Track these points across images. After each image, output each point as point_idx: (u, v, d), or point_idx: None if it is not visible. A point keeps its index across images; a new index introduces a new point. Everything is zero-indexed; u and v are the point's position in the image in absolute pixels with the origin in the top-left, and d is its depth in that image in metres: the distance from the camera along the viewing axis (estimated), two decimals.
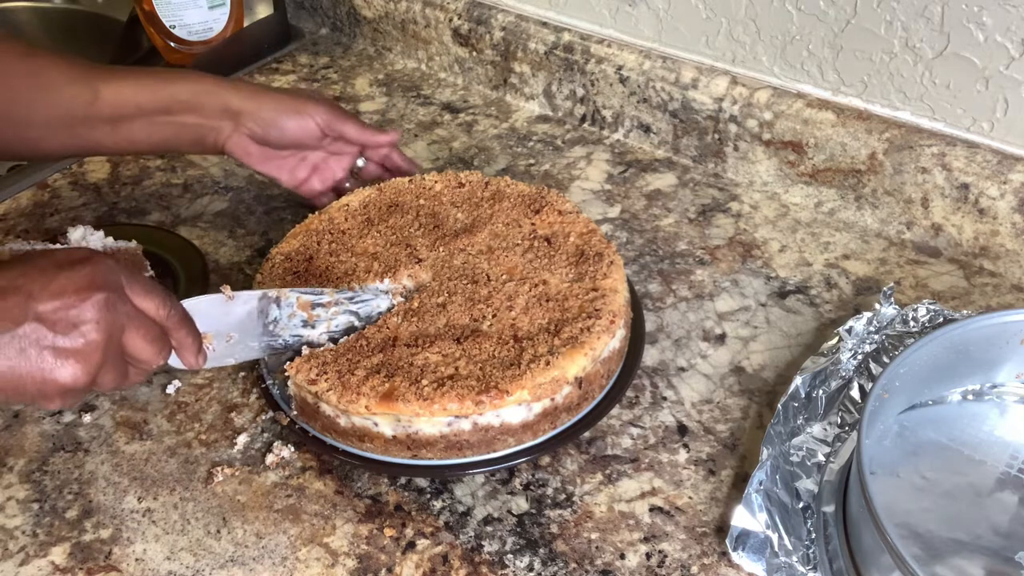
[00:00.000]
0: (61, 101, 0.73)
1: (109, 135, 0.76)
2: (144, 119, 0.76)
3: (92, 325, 0.54)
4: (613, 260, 0.71)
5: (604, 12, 0.99)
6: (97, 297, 0.54)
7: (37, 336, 0.53)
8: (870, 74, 0.84)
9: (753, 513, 0.59)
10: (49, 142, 0.77)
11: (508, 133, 1.03)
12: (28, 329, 0.52)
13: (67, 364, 0.54)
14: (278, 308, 0.68)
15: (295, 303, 0.68)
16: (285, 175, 0.83)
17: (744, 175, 0.94)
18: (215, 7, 1.10)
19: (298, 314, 0.68)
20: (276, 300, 0.67)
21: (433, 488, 0.66)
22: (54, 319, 0.53)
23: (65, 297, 0.54)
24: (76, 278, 0.55)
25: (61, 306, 0.53)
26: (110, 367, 0.56)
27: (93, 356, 0.54)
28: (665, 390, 0.72)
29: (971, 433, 0.66)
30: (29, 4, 1.31)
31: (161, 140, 0.78)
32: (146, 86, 0.75)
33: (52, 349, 0.53)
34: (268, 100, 0.78)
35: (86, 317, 0.54)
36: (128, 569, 0.61)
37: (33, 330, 0.53)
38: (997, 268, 0.81)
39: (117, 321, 0.55)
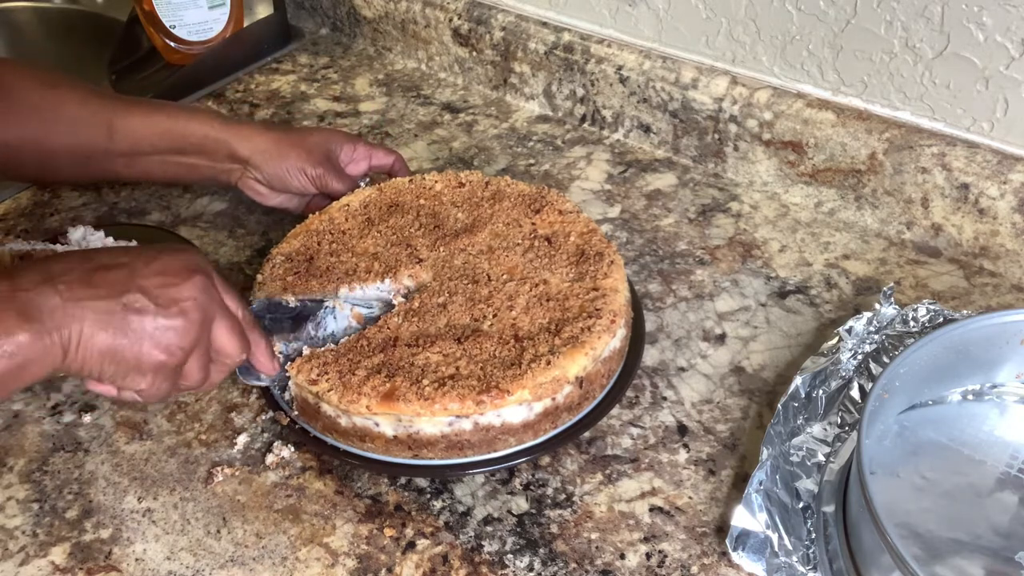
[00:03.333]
0: (79, 136, 0.77)
1: (125, 168, 0.80)
2: (158, 156, 0.79)
3: (191, 303, 0.56)
4: (613, 260, 0.71)
5: (604, 12, 0.99)
6: (196, 279, 0.57)
7: (140, 305, 0.54)
8: (870, 74, 0.84)
9: (753, 513, 0.59)
10: (69, 172, 0.81)
11: (508, 133, 1.03)
12: (131, 299, 0.54)
13: (165, 336, 0.55)
14: (335, 320, 0.69)
15: (350, 314, 0.70)
16: (294, 205, 0.85)
17: (744, 175, 0.94)
18: (215, 7, 1.10)
19: (353, 325, 0.70)
20: (333, 311, 0.69)
21: (433, 488, 0.66)
22: (156, 292, 0.55)
23: (167, 275, 0.56)
24: (177, 260, 0.57)
25: (163, 282, 0.56)
26: (199, 354, 0.58)
27: (189, 333, 0.56)
28: (665, 390, 0.72)
29: (971, 433, 0.66)
30: (29, 4, 1.31)
31: (176, 176, 0.83)
32: (157, 125, 0.78)
33: (153, 320, 0.55)
34: (271, 155, 0.80)
35: (185, 295, 0.56)
36: (128, 569, 0.61)
37: (136, 299, 0.54)
38: (997, 268, 0.81)
39: (210, 307, 0.58)
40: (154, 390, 0.57)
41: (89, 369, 0.54)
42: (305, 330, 0.68)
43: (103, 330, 0.53)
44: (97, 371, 0.55)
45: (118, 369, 0.55)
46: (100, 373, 0.55)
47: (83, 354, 0.53)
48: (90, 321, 0.53)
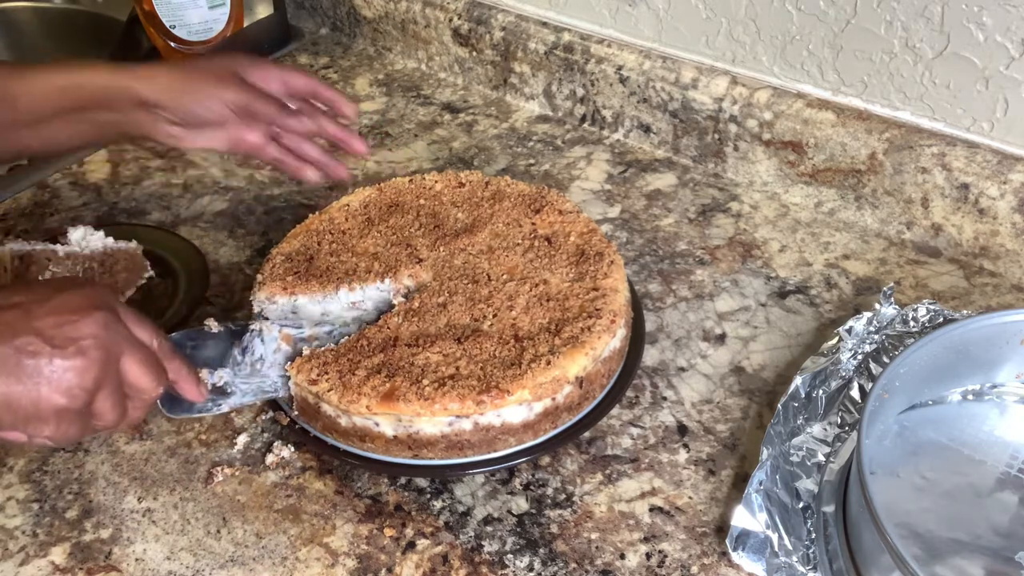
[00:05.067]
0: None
1: (34, 138, 0.74)
2: (61, 119, 0.74)
3: (91, 341, 0.53)
4: (613, 260, 0.71)
5: (604, 12, 0.99)
6: (96, 315, 0.54)
7: (34, 349, 0.51)
8: (870, 74, 0.84)
9: (753, 513, 0.59)
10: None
11: (508, 133, 1.03)
12: (24, 342, 0.51)
13: (63, 378, 0.52)
14: (262, 343, 0.66)
15: (278, 336, 0.67)
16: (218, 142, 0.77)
17: (744, 175, 0.94)
18: (215, 7, 1.10)
19: (283, 348, 0.67)
20: (260, 334, 0.66)
21: (433, 488, 0.66)
22: (51, 333, 0.52)
23: (63, 314, 0.53)
24: (74, 298, 0.54)
25: (58, 321, 0.52)
26: (108, 393, 0.55)
27: (89, 372, 0.53)
28: (665, 390, 0.72)
29: (971, 433, 0.66)
30: (29, 4, 1.31)
31: (85, 138, 0.78)
32: (56, 84, 0.73)
33: (48, 362, 0.51)
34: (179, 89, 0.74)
35: (84, 332, 0.53)
36: (128, 569, 0.61)
37: (29, 343, 0.51)
38: (997, 268, 0.81)
39: (115, 342, 0.55)
40: (61, 434, 0.54)
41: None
42: (231, 356, 0.66)
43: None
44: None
45: (16, 417, 0.52)
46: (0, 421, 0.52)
47: None
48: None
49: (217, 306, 0.81)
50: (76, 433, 0.55)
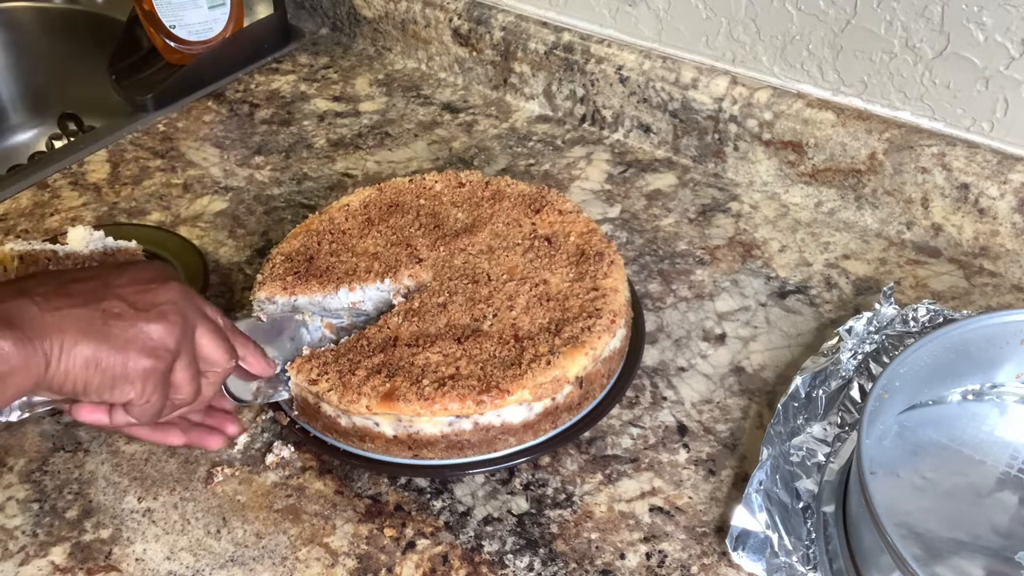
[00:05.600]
0: None
1: None
2: None
3: (171, 306, 0.55)
4: (614, 260, 0.71)
5: (604, 12, 0.99)
6: (172, 284, 0.56)
7: (119, 310, 0.53)
8: (870, 74, 0.84)
9: (753, 513, 0.59)
10: None
11: (508, 133, 1.03)
12: (110, 304, 0.53)
13: (148, 339, 0.53)
14: (307, 332, 0.68)
15: (321, 325, 0.69)
16: None
17: (744, 175, 0.94)
18: (215, 7, 1.10)
19: (327, 335, 0.69)
20: (305, 325, 0.68)
21: (433, 488, 0.66)
22: (134, 298, 0.54)
23: (141, 284, 0.55)
24: (148, 271, 0.57)
25: (139, 289, 0.55)
26: (186, 363, 0.56)
27: (172, 334, 0.54)
28: (665, 390, 0.72)
29: (971, 433, 0.66)
30: (29, 4, 1.31)
31: None
32: None
33: (133, 324, 0.53)
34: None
35: (164, 298, 0.55)
36: (128, 569, 0.61)
37: (114, 305, 0.53)
38: (997, 268, 0.81)
39: (190, 312, 0.56)
40: (144, 401, 0.55)
41: (74, 380, 0.52)
42: (280, 343, 0.67)
43: (85, 337, 0.51)
44: (82, 383, 0.52)
45: (103, 379, 0.53)
46: (85, 385, 0.52)
47: (66, 364, 0.51)
48: (71, 330, 0.51)
49: (217, 306, 0.81)
50: (158, 402, 0.55)
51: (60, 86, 1.32)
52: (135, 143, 1.04)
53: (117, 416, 0.56)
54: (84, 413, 0.57)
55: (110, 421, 0.57)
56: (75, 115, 1.30)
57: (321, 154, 1.01)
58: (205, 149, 1.03)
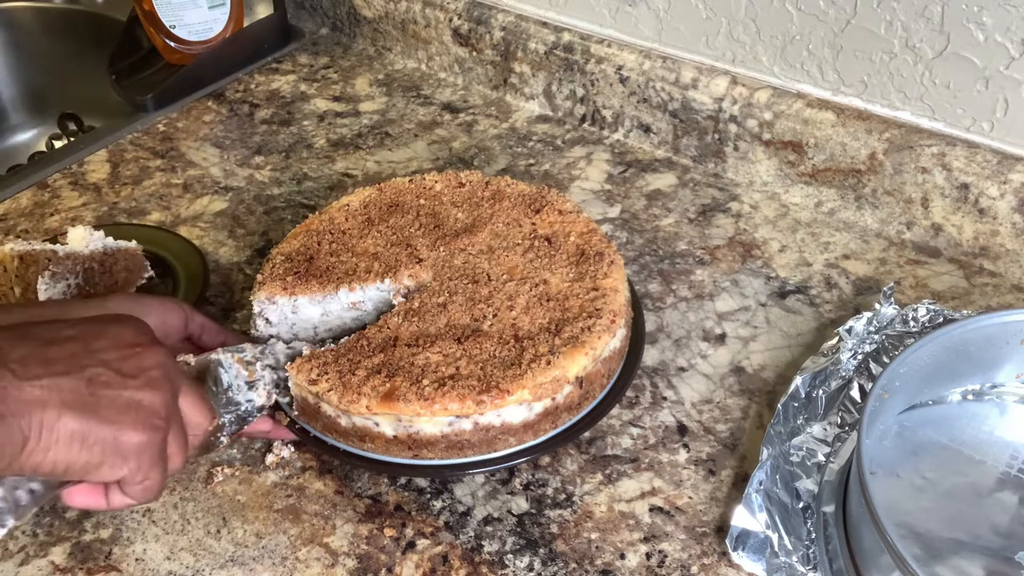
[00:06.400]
0: None
1: None
2: None
3: (158, 372, 0.50)
4: (614, 260, 0.71)
5: (604, 12, 0.99)
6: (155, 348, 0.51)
7: (106, 379, 0.47)
8: (870, 74, 0.84)
9: (753, 513, 0.59)
10: None
11: (508, 133, 1.03)
12: (95, 372, 0.47)
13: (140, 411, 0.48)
14: (224, 370, 0.63)
15: (233, 360, 0.63)
16: None
17: (744, 175, 0.94)
18: (215, 7, 1.10)
19: (242, 373, 0.64)
20: (220, 363, 0.63)
21: (433, 488, 0.66)
22: (119, 364, 0.48)
23: (124, 347, 0.50)
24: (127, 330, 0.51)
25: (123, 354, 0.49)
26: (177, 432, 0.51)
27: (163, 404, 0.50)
28: (665, 390, 0.72)
29: (971, 433, 0.66)
30: (29, 4, 1.31)
31: None
32: None
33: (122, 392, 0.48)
34: None
35: (150, 363, 0.50)
36: (128, 569, 0.61)
37: (100, 373, 0.47)
38: (997, 268, 0.81)
39: (175, 376, 0.52)
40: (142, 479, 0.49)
41: (54, 460, 0.46)
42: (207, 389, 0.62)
43: (70, 410, 0.45)
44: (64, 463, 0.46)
45: (90, 456, 0.46)
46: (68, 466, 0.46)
47: (47, 441, 0.45)
48: (54, 403, 0.45)
49: (217, 306, 0.81)
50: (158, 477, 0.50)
51: (60, 86, 1.32)
52: (135, 143, 1.04)
53: (114, 498, 0.51)
54: (76, 498, 0.51)
55: (107, 504, 0.51)
56: (75, 115, 1.30)
57: (321, 154, 1.01)
58: (205, 149, 1.03)
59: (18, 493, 0.48)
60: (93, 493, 0.51)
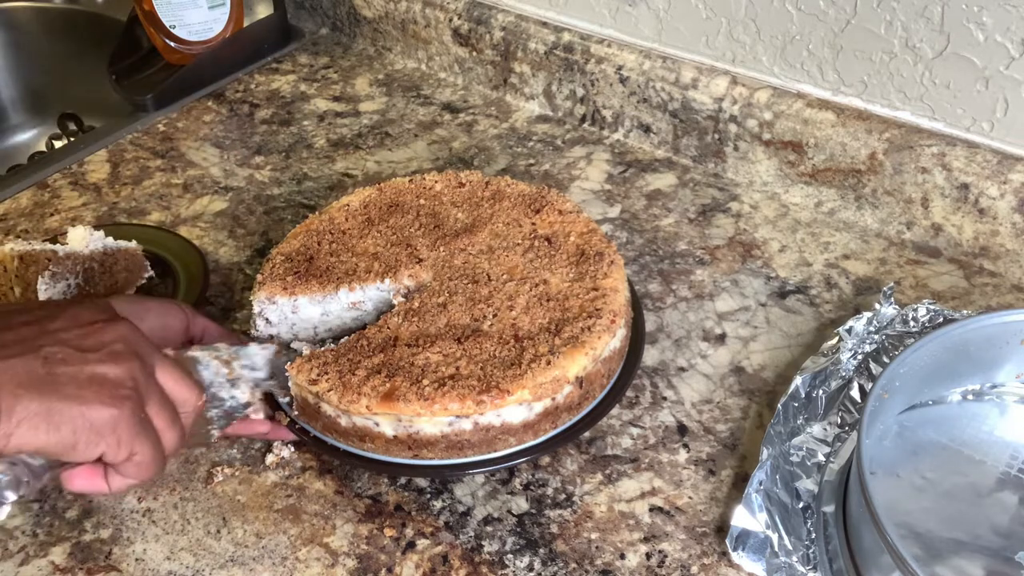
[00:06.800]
0: None
1: None
2: None
3: (120, 344, 0.48)
4: (614, 259, 0.71)
5: (604, 12, 0.99)
6: (117, 323, 0.49)
7: (63, 356, 0.46)
8: (870, 74, 0.84)
9: (753, 513, 0.59)
10: None
11: (508, 133, 1.03)
12: (51, 351, 0.46)
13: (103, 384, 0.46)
14: (203, 367, 0.62)
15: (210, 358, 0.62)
16: None
17: (744, 175, 0.94)
18: (215, 7, 1.10)
19: (221, 371, 0.63)
20: (197, 360, 0.61)
21: (433, 488, 0.66)
22: (78, 342, 0.47)
23: (82, 325, 0.48)
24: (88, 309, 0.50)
25: (81, 333, 0.48)
26: (159, 407, 0.50)
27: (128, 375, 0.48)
28: (665, 390, 0.72)
29: (971, 433, 0.66)
30: (29, 4, 1.31)
31: None
32: None
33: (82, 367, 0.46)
34: None
35: (111, 337, 0.48)
36: (128, 569, 0.61)
37: (56, 352, 0.46)
38: (997, 268, 0.81)
39: (144, 348, 0.50)
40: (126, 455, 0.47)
41: (20, 444, 0.44)
42: None
43: (28, 390, 0.44)
44: (33, 444, 0.44)
45: (60, 437, 0.45)
46: (39, 448, 0.45)
47: (8, 426, 0.43)
48: (8, 386, 0.43)
49: (217, 306, 0.81)
50: (148, 452, 0.49)
51: (60, 86, 1.32)
52: (135, 143, 1.04)
53: (114, 480, 0.50)
54: (76, 482, 0.50)
55: (108, 487, 0.50)
56: (75, 115, 1.30)
57: (321, 154, 1.01)
58: (205, 149, 1.03)
59: (17, 469, 0.47)
60: (93, 477, 0.50)
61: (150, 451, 0.49)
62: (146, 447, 0.49)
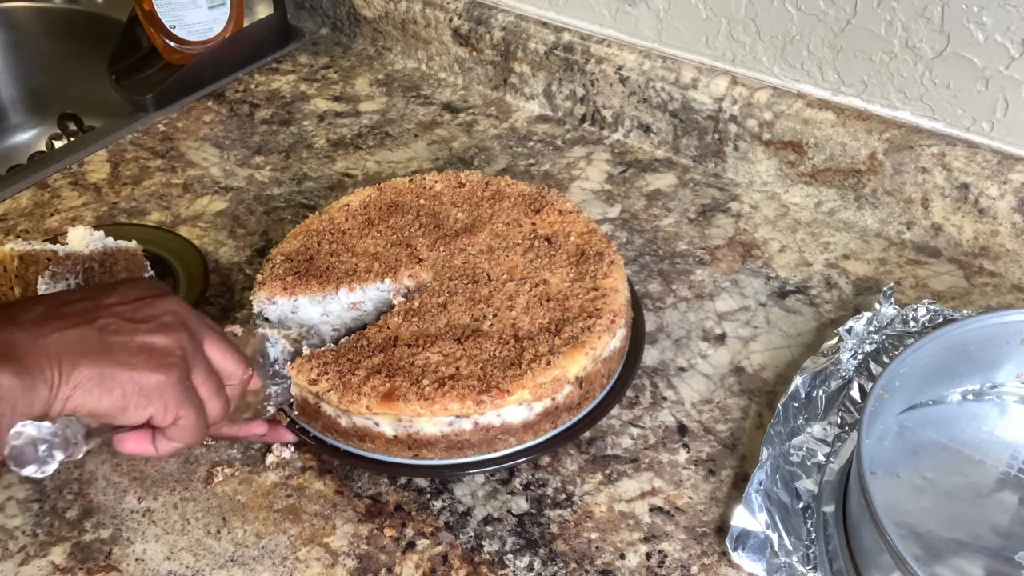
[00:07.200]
0: None
1: None
2: None
3: (171, 316, 0.52)
4: (614, 259, 0.71)
5: (604, 12, 0.99)
6: (167, 298, 0.54)
7: (116, 327, 0.50)
8: (870, 74, 0.84)
9: (753, 513, 0.59)
10: None
11: (508, 133, 1.03)
12: (105, 322, 0.50)
13: (153, 352, 0.50)
14: (271, 344, 0.65)
15: (279, 336, 0.66)
16: None
17: (744, 175, 0.94)
18: (215, 7, 1.10)
19: (288, 349, 0.66)
20: (266, 337, 0.65)
21: (433, 488, 0.66)
22: (130, 313, 0.51)
23: (135, 300, 0.52)
24: (139, 287, 0.54)
25: (135, 305, 0.52)
26: (205, 377, 0.53)
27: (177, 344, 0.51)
28: (665, 390, 0.72)
29: (971, 433, 0.66)
30: (29, 4, 1.31)
31: None
32: None
33: (132, 337, 0.50)
34: None
35: (161, 309, 0.53)
36: (128, 569, 0.61)
37: (110, 323, 0.50)
38: (997, 268, 0.81)
39: (193, 322, 0.54)
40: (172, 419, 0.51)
41: (77, 405, 0.49)
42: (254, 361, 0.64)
43: (84, 358, 0.48)
44: (89, 406, 0.49)
45: (113, 400, 0.49)
46: (93, 409, 0.49)
47: (67, 390, 0.48)
48: (69, 353, 0.48)
49: (217, 306, 0.81)
50: (192, 416, 0.52)
51: (60, 86, 1.32)
52: (135, 143, 1.04)
53: (160, 444, 0.54)
54: (127, 444, 0.54)
55: (156, 451, 0.54)
56: (75, 115, 1.30)
57: (321, 154, 1.01)
58: (205, 149, 1.03)
59: (69, 431, 0.50)
60: (142, 440, 0.54)
61: (194, 416, 0.53)
62: (190, 412, 0.52)
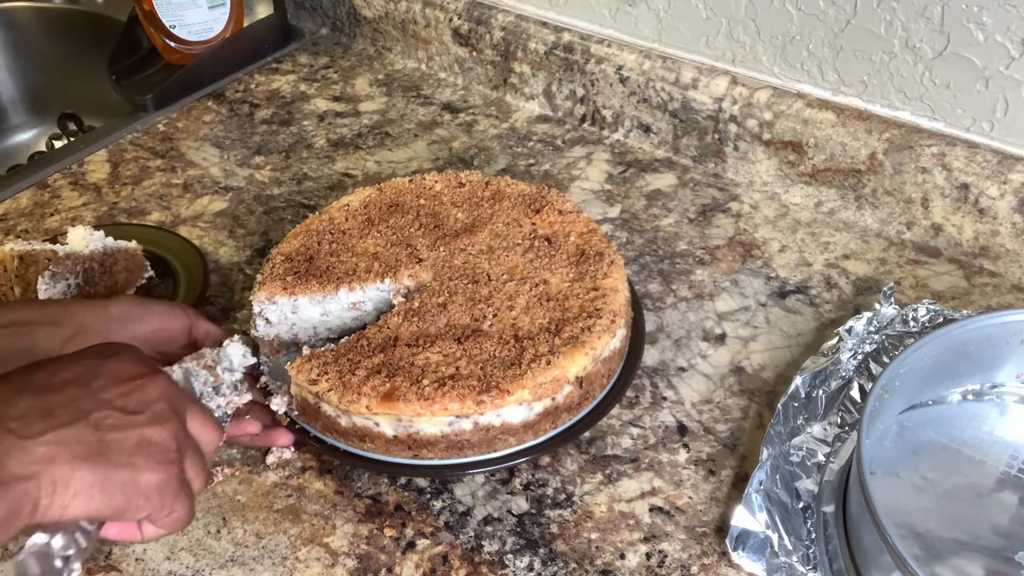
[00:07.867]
0: None
1: None
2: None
3: (162, 404, 0.50)
4: (614, 259, 0.71)
5: (604, 12, 0.99)
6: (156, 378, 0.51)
7: (113, 422, 0.47)
8: (870, 74, 0.84)
9: (753, 513, 0.59)
10: None
11: (508, 133, 1.03)
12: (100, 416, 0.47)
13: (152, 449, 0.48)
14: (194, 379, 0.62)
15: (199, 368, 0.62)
16: None
17: (744, 175, 0.94)
18: (215, 7, 1.10)
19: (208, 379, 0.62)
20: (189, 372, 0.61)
21: (433, 488, 0.66)
22: (123, 401, 0.48)
23: (124, 382, 0.49)
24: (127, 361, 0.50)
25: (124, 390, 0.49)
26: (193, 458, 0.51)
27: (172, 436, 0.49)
28: (665, 390, 0.72)
29: (971, 433, 0.66)
30: (29, 4, 1.31)
31: None
32: None
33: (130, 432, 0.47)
34: None
35: (153, 395, 0.50)
36: (128, 569, 0.61)
37: (106, 416, 0.47)
38: (997, 268, 0.81)
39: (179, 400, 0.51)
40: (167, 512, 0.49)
41: (76, 513, 0.45)
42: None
43: (84, 461, 0.45)
44: (86, 512, 0.45)
45: (111, 503, 0.46)
46: (91, 514, 0.46)
47: (64, 497, 0.44)
48: (64, 457, 0.44)
49: (217, 306, 0.81)
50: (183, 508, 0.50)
51: (60, 86, 1.32)
52: (135, 143, 1.04)
53: (147, 529, 0.51)
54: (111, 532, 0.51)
55: (141, 536, 0.52)
56: (75, 115, 1.30)
57: (321, 154, 1.01)
58: (205, 149, 1.03)
59: (77, 536, 0.48)
60: (128, 527, 0.52)
61: (188, 508, 0.51)
62: (186, 505, 0.51)
